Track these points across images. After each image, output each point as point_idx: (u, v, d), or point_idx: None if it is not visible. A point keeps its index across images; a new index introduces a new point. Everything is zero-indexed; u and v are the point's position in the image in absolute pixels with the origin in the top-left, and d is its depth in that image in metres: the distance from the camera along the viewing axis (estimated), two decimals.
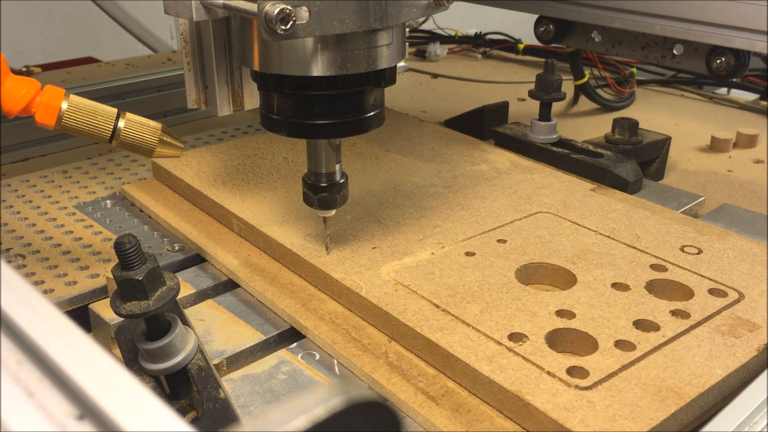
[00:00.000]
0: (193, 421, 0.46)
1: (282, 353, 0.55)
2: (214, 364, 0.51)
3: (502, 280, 0.57)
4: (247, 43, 0.54)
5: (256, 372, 0.53)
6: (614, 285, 0.56)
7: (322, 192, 0.59)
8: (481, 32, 1.47)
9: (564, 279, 0.58)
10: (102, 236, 0.70)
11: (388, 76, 0.55)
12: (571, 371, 0.47)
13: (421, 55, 1.43)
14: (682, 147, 0.98)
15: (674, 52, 0.82)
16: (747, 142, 1.00)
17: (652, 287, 0.56)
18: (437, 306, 0.54)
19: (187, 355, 0.47)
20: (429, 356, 0.51)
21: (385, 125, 0.89)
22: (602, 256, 0.60)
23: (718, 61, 0.78)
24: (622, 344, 0.49)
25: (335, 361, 0.54)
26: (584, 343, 0.50)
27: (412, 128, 0.89)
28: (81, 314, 0.59)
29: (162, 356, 0.46)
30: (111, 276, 0.46)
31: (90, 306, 0.59)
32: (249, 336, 0.56)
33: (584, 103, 1.18)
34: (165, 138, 0.59)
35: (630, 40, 0.86)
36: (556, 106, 1.03)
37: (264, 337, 0.56)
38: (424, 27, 1.51)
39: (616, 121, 0.89)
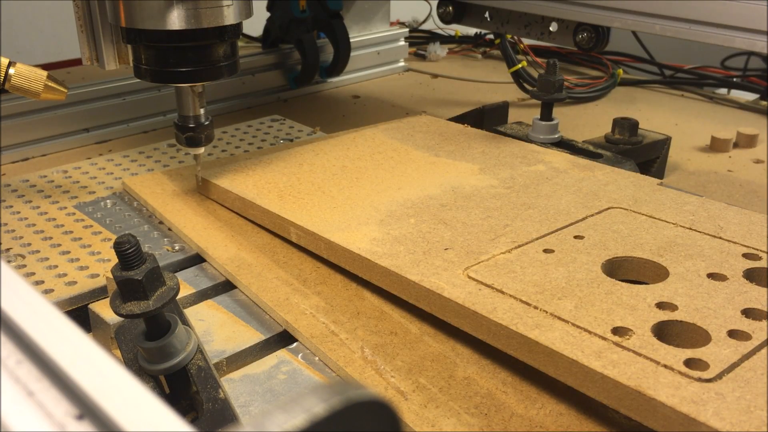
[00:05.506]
0: (193, 421, 0.46)
1: (282, 353, 0.55)
2: (214, 364, 0.51)
3: (590, 275, 0.55)
4: (115, 2, 0.65)
5: (256, 372, 0.53)
6: (710, 275, 0.54)
7: (189, 132, 0.69)
8: (481, 32, 1.47)
9: (653, 272, 0.57)
10: (102, 236, 0.70)
11: (230, 32, 0.65)
12: (689, 363, 0.45)
13: (421, 55, 1.43)
14: (682, 147, 0.99)
15: (551, 29, 0.93)
16: (747, 142, 1.00)
17: (752, 276, 0.54)
18: (527, 303, 0.51)
19: (186, 355, 0.47)
20: (527, 355, 0.49)
21: (428, 132, 0.89)
22: (689, 248, 0.58)
23: (581, 36, 0.89)
24: (736, 334, 0.47)
25: (316, 358, 0.54)
26: (694, 335, 0.48)
27: (457, 134, 0.87)
28: (81, 314, 0.59)
29: (162, 356, 0.46)
30: (111, 276, 0.46)
31: (90, 306, 0.59)
32: (249, 336, 0.56)
33: (583, 102, 1.18)
34: (49, 84, 0.67)
35: (515, 19, 0.97)
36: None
37: (264, 337, 0.56)
38: (424, 27, 1.51)
39: (616, 121, 0.89)
